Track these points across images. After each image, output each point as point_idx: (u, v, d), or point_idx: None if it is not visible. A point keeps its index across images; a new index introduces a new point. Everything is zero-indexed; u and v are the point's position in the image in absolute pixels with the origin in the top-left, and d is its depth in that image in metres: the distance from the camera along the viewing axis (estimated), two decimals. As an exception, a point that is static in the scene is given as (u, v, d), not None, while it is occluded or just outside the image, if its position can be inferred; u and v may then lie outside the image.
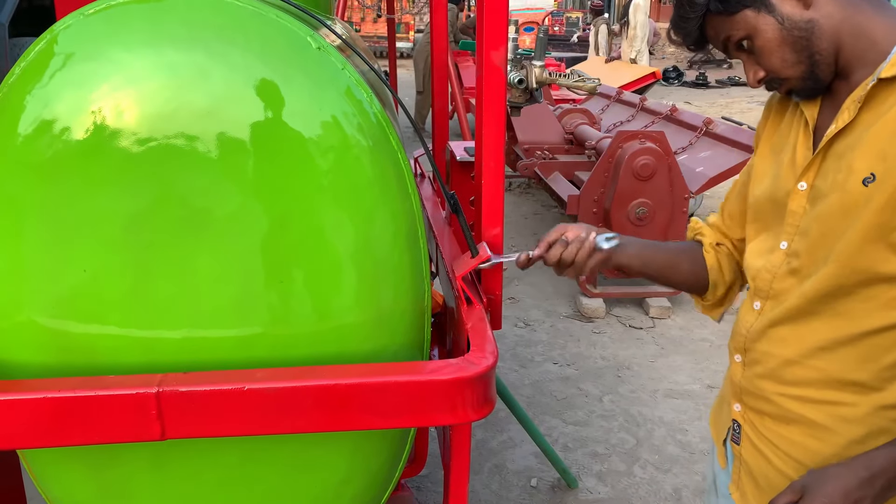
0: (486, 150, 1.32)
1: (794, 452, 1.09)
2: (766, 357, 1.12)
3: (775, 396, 1.11)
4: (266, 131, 1.02)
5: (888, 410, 1.02)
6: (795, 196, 1.07)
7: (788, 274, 1.08)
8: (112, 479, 1.15)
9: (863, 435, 1.03)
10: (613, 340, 3.79)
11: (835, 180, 1.00)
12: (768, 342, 1.11)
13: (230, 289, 1.05)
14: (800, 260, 1.06)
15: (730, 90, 13.56)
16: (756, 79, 1.08)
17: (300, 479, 1.19)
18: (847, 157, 0.99)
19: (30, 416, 0.98)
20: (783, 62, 1.03)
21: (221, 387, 0.99)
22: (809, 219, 1.04)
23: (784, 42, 1.02)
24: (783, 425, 1.11)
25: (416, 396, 1.03)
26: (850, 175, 0.98)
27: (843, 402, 1.04)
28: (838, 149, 1.01)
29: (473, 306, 1.26)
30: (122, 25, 1.01)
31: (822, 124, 1.06)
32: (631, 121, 5.53)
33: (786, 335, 1.09)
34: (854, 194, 0.97)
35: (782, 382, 1.10)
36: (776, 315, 1.09)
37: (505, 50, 1.29)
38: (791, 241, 1.08)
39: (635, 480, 2.66)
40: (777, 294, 1.10)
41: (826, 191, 1.02)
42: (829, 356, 1.04)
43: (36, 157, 1.00)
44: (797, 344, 1.07)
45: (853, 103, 0.99)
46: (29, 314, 1.05)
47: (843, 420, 1.04)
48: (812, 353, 1.06)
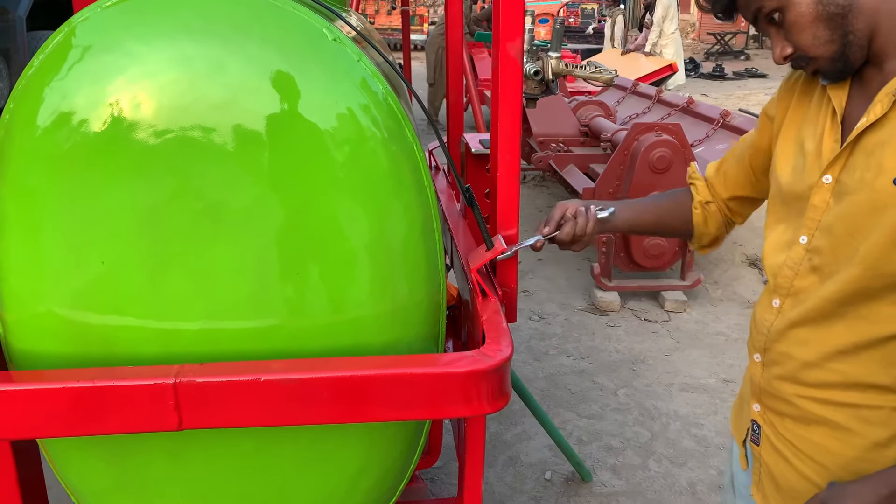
0: (501, 143, 1.32)
1: (815, 454, 1.07)
2: (785, 358, 1.09)
3: (795, 398, 1.08)
4: (282, 123, 1.02)
5: None
6: (819, 190, 1.02)
7: (810, 271, 1.05)
8: (130, 468, 1.16)
9: (887, 437, 1.01)
10: (628, 334, 3.77)
11: (863, 178, 0.96)
12: (788, 343, 1.08)
13: (246, 281, 1.05)
14: (822, 258, 1.03)
15: (747, 82, 13.41)
16: (783, 55, 1.02)
17: (315, 471, 1.20)
18: (877, 154, 0.95)
19: (49, 405, 0.99)
20: (814, 39, 0.98)
21: (238, 378, 0.99)
22: (833, 215, 1.01)
23: (818, 18, 0.96)
24: (803, 427, 1.08)
25: (432, 389, 1.03)
26: (879, 173, 0.94)
27: (865, 405, 1.02)
28: (868, 144, 0.97)
29: (489, 299, 1.26)
30: (138, 18, 1.01)
31: (851, 114, 1.02)
32: (647, 113, 5.48)
33: (806, 337, 1.06)
34: (883, 194, 0.93)
35: (802, 384, 1.07)
36: (796, 315, 1.06)
37: (521, 41, 1.28)
38: (812, 237, 1.04)
39: (650, 474, 2.65)
40: (797, 292, 1.07)
41: (853, 188, 0.98)
42: (851, 359, 1.01)
43: (54, 150, 1.01)
44: (818, 346, 1.04)
45: (887, 96, 0.95)
46: (48, 305, 1.06)
47: (865, 422, 1.02)
48: (833, 356, 1.03)
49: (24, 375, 1.07)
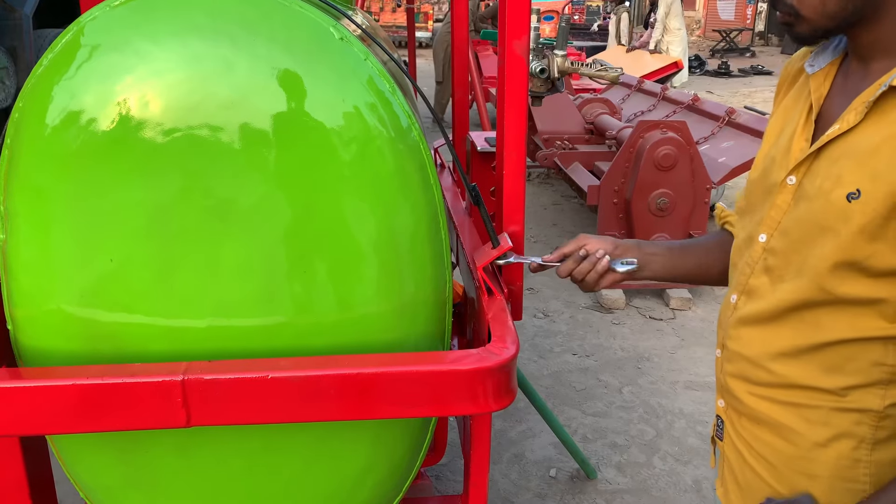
0: (507, 141, 1.32)
1: (765, 452, 1.06)
2: (735, 356, 1.08)
3: (745, 396, 1.07)
4: (289, 122, 1.02)
5: (851, 413, 0.98)
6: (783, 189, 1.00)
7: (763, 271, 1.03)
8: (138, 464, 1.17)
9: (826, 437, 0.99)
10: (633, 332, 3.77)
11: (821, 186, 0.93)
12: (737, 341, 1.08)
13: (254, 278, 1.06)
14: (776, 259, 1.01)
15: (752, 79, 13.38)
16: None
17: (322, 468, 1.20)
18: (840, 164, 0.92)
19: (58, 402, 1.00)
20: (821, 6, 0.92)
21: (246, 375, 1.00)
22: (791, 219, 0.99)
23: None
24: (755, 425, 1.07)
25: (438, 386, 1.04)
26: (837, 185, 0.91)
27: (806, 404, 1.00)
28: (834, 151, 0.94)
29: (494, 297, 1.26)
30: (147, 17, 1.02)
31: (828, 110, 0.98)
32: (652, 110, 5.48)
33: (752, 337, 1.05)
34: (835, 207, 0.91)
35: (750, 382, 1.06)
36: (745, 314, 1.06)
37: (527, 39, 1.28)
38: (770, 237, 1.02)
39: (655, 472, 2.65)
40: (750, 290, 1.05)
41: (811, 194, 0.95)
42: (792, 362, 1.01)
43: (63, 148, 1.02)
44: (761, 347, 1.04)
45: (862, 105, 0.91)
46: (57, 303, 1.07)
47: (807, 421, 1.01)
48: (774, 357, 1.02)
49: (33, 372, 1.08)
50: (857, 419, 0.97)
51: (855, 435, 0.98)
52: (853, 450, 0.99)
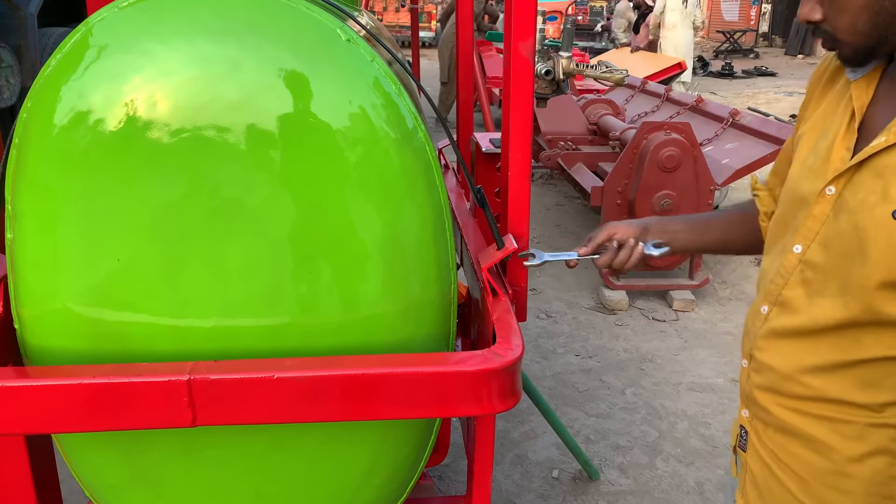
0: (513, 142, 1.32)
1: (795, 465, 1.04)
2: (764, 368, 1.06)
3: (775, 408, 1.05)
4: (296, 123, 1.03)
5: (888, 430, 0.96)
6: (821, 200, 0.96)
7: (800, 283, 1.00)
8: (144, 463, 1.17)
9: (861, 453, 0.98)
10: (636, 333, 3.77)
11: (865, 200, 0.90)
12: (768, 353, 1.05)
13: (260, 279, 1.06)
14: (814, 273, 0.97)
15: (756, 80, 13.36)
16: (808, 17, 0.93)
17: (327, 468, 1.20)
18: (886, 177, 0.88)
19: (65, 401, 1.00)
20: (852, 27, 0.89)
21: (251, 375, 1.00)
22: (831, 231, 0.95)
23: (868, 8, 0.87)
24: (784, 437, 1.05)
25: (443, 387, 1.04)
26: (882, 200, 0.87)
27: (840, 419, 0.99)
28: (879, 163, 0.89)
29: (499, 298, 1.26)
30: (155, 17, 1.02)
31: (872, 119, 0.94)
32: (656, 111, 5.47)
33: (786, 350, 1.02)
34: (880, 223, 0.87)
35: (781, 395, 1.04)
36: (779, 326, 1.03)
37: (533, 41, 1.28)
38: (807, 248, 0.98)
39: (658, 473, 2.65)
40: (785, 302, 1.02)
41: (853, 207, 0.91)
42: (828, 376, 0.98)
43: (71, 148, 1.02)
44: (795, 361, 1.01)
45: None
46: (64, 302, 1.07)
47: (841, 436, 0.99)
48: (809, 371, 1.00)
49: (39, 371, 1.09)
50: (894, 435, 0.96)
51: (891, 451, 0.97)
52: (889, 465, 0.97)
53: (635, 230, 1.27)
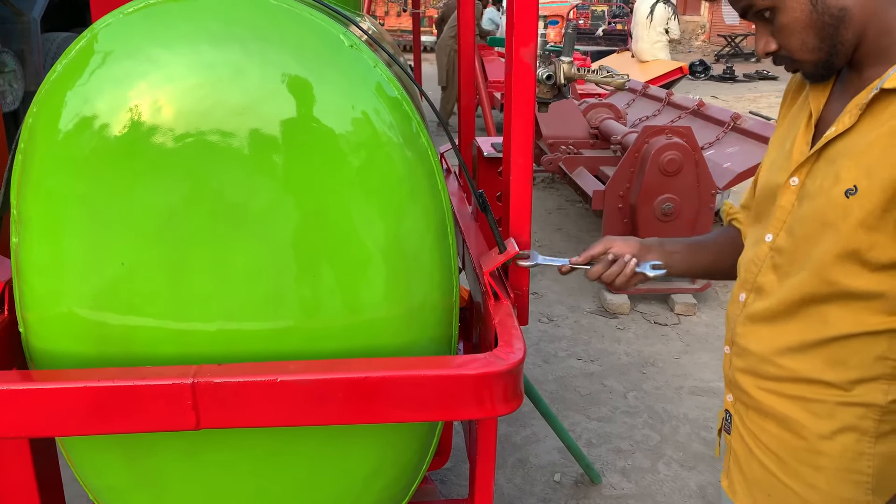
0: (514, 147, 1.33)
1: (772, 445, 1.11)
2: (744, 352, 1.13)
3: (754, 390, 1.12)
4: (299, 128, 1.03)
5: (855, 408, 1.02)
6: (786, 191, 1.06)
7: (771, 269, 1.08)
8: (147, 466, 1.18)
9: (831, 430, 1.04)
10: (638, 337, 3.77)
11: (822, 185, 0.99)
12: (746, 338, 1.12)
13: (263, 282, 1.07)
14: (783, 257, 1.06)
15: (757, 84, 13.37)
16: (765, 50, 1.04)
17: (330, 471, 1.21)
18: (838, 163, 0.98)
19: (69, 404, 1.01)
20: (803, 45, 0.99)
21: (255, 378, 1.01)
22: (795, 218, 1.04)
23: (811, 26, 0.97)
24: (762, 418, 1.12)
25: (445, 390, 1.05)
26: (835, 183, 0.97)
27: (812, 398, 1.05)
28: (832, 152, 1.00)
29: (501, 302, 1.27)
30: (160, 23, 1.03)
31: (827, 117, 1.04)
32: (657, 115, 5.47)
33: (760, 333, 1.10)
34: (835, 204, 0.96)
35: (759, 377, 1.11)
36: (754, 312, 1.10)
37: (535, 46, 1.29)
38: (776, 236, 1.07)
39: (659, 477, 2.65)
40: (759, 287, 1.10)
41: (813, 193, 1.01)
42: (799, 357, 1.05)
43: (76, 153, 1.03)
44: (770, 342, 1.08)
45: (856, 107, 0.96)
46: (69, 305, 1.08)
47: (813, 414, 1.05)
48: (782, 352, 1.07)
49: (44, 374, 1.09)
50: (862, 413, 1.02)
51: (859, 428, 1.02)
52: (857, 442, 1.03)
53: (633, 247, 1.30)
